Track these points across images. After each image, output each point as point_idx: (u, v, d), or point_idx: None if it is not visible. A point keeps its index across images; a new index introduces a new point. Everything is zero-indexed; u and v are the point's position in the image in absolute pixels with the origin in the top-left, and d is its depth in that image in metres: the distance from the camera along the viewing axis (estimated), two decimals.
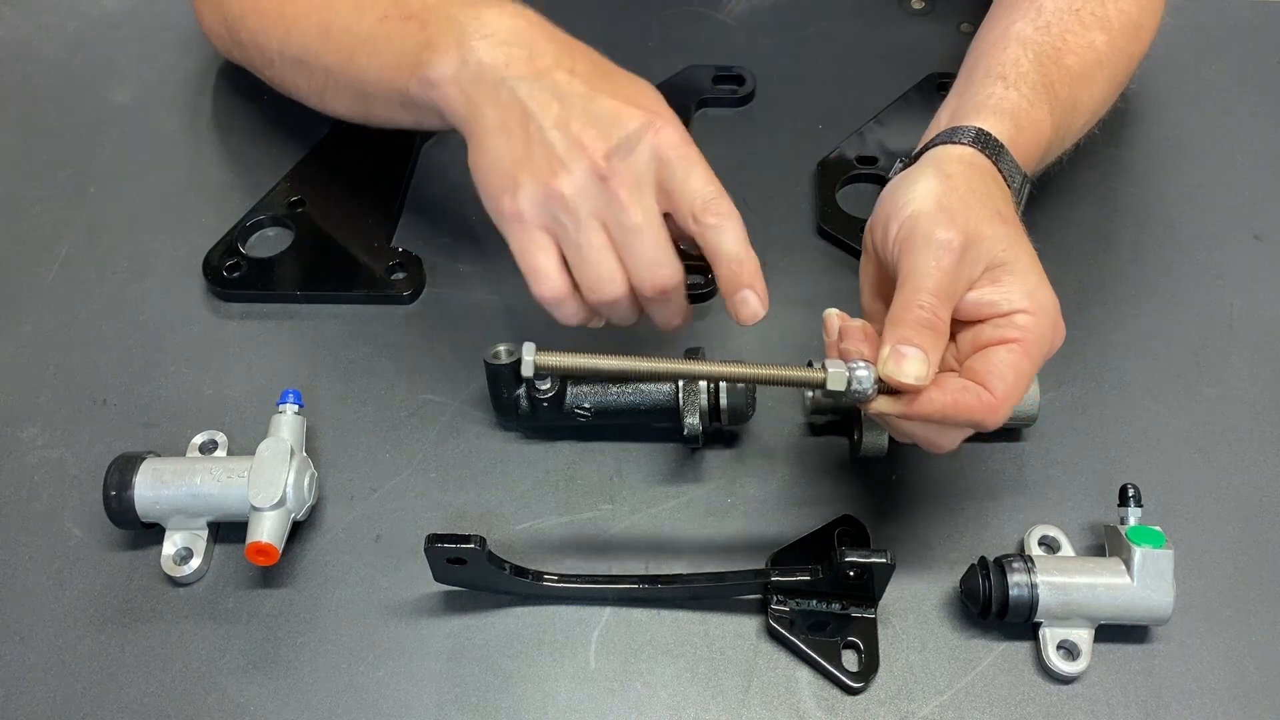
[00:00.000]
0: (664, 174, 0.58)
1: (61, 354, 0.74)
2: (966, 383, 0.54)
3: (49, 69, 0.94)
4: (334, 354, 0.74)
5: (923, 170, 0.60)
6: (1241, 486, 0.67)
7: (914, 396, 0.53)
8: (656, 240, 0.58)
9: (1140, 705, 0.59)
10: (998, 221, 0.57)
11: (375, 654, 0.61)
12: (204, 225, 0.80)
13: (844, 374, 0.53)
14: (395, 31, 0.66)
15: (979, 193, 0.58)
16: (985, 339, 0.55)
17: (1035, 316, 0.55)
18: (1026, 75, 0.67)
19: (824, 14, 0.96)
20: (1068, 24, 0.70)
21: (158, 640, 0.62)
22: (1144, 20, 0.75)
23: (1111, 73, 0.73)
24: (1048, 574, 0.59)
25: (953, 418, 0.53)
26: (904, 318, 0.53)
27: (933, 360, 0.52)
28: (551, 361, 0.54)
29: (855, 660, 0.60)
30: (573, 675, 0.60)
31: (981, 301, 0.56)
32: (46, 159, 0.86)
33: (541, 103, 0.59)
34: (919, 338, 0.52)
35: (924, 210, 0.56)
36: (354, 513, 0.67)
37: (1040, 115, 0.66)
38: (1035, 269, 0.57)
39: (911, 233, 0.56)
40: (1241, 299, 0.76)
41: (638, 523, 0.66)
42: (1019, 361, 0.54)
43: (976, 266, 0.55)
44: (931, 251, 0.54)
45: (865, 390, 0.53)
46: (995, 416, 0.53)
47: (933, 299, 0.53)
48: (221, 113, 0.89)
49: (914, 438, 0.58)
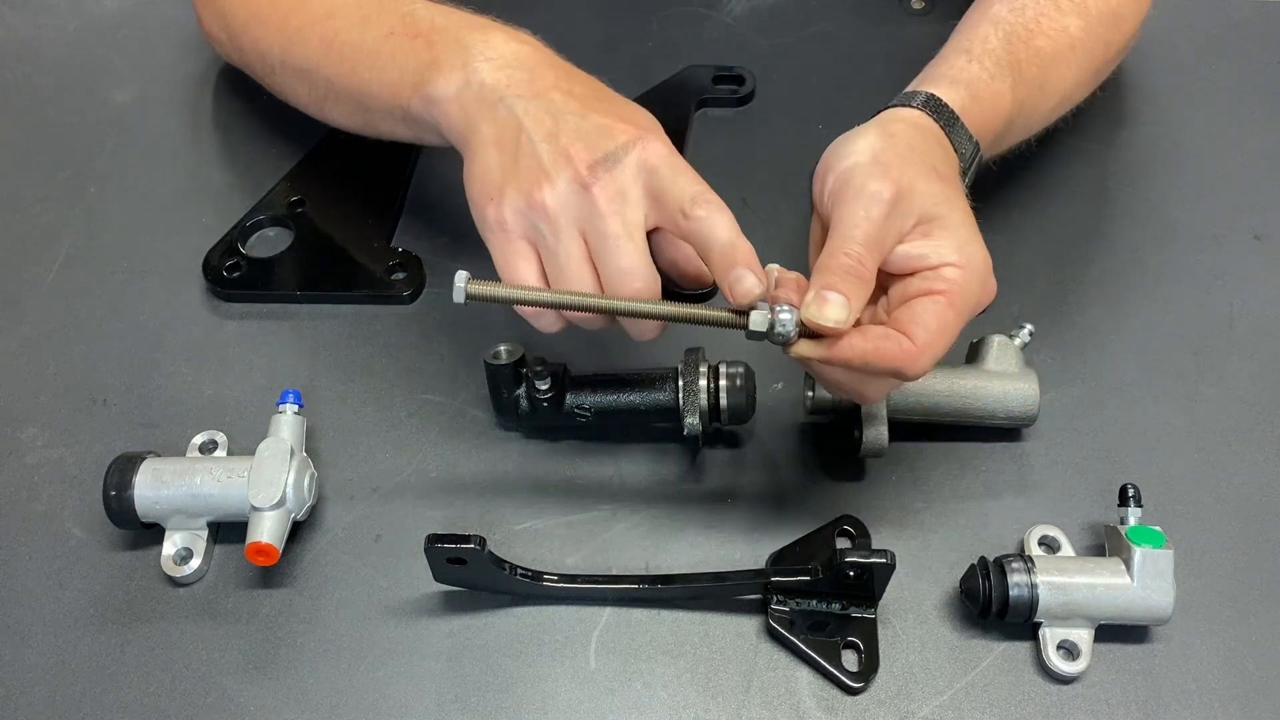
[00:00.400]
0: (652, 182, 0.58)
1: (61, 354, 0.74)
2: (889, 330, 0.54)
3: (49, 69, 0.94)
4: (334, 354, 0.74)
5: (867, 128, 0.61)
6: (1241, 486, 0.67)
7: (835, 341, 0.53)
8: (632, 251, 0.58)
9: (1140, 705, 0.59)
10: (933, 178, 0.58)
11: (375, 654, 0.61)
12: (204, 225, 0.80)
13: (766, 316, 0.54)
14: (400, 49, 0.67)
15: (919, 150, 0.59)
16: (913, 290, 0.56)
17: (963, 270, 0.56)
18: (992, 51, 0.68)
19: (824, 14, 0.96)
20: (1043, 7, 0.72)
21: (158, 640, 0.62)
22: (1124, 10, 0.76)
23: (1086, 58, 0.74)
24: (1048, 574, 0.59)
25: (874, 365, 0.54)
26: (829, 265, 0.54)
27: (855, 306, 0.53)
28: (485, 290, 0.55)
29: (855, 660, 0.60)
30: (573, 675, 0.60)
31: (911, 255, 0.56)
32: (46, 159, 0.86)
33: (536, 118, 0.59)
34: (843, 284, 0.53)
35: (860, 164, 0.57)
36: (354, 513, 0.67)
37: (1000, 89, 0.67)
38: (968, 224, 0.57)
39: (845, 184, 0.57)
40: (1241, 299, 0.76)
41: (638, 523, 0.66)
42: (943, 312, 0.55)
43: (907, 220, 0.56)
44: (862, 202, 0.55)
45: (788, 333, 0.54)
46: (916, 365, 0.54)
47: (859, 248, 0.54)
48: (221, 113, 0.89)
49: (839, 386, 0.58)
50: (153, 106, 0.90)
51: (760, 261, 0.60)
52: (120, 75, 0.92)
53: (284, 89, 0.79)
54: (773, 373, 0.72)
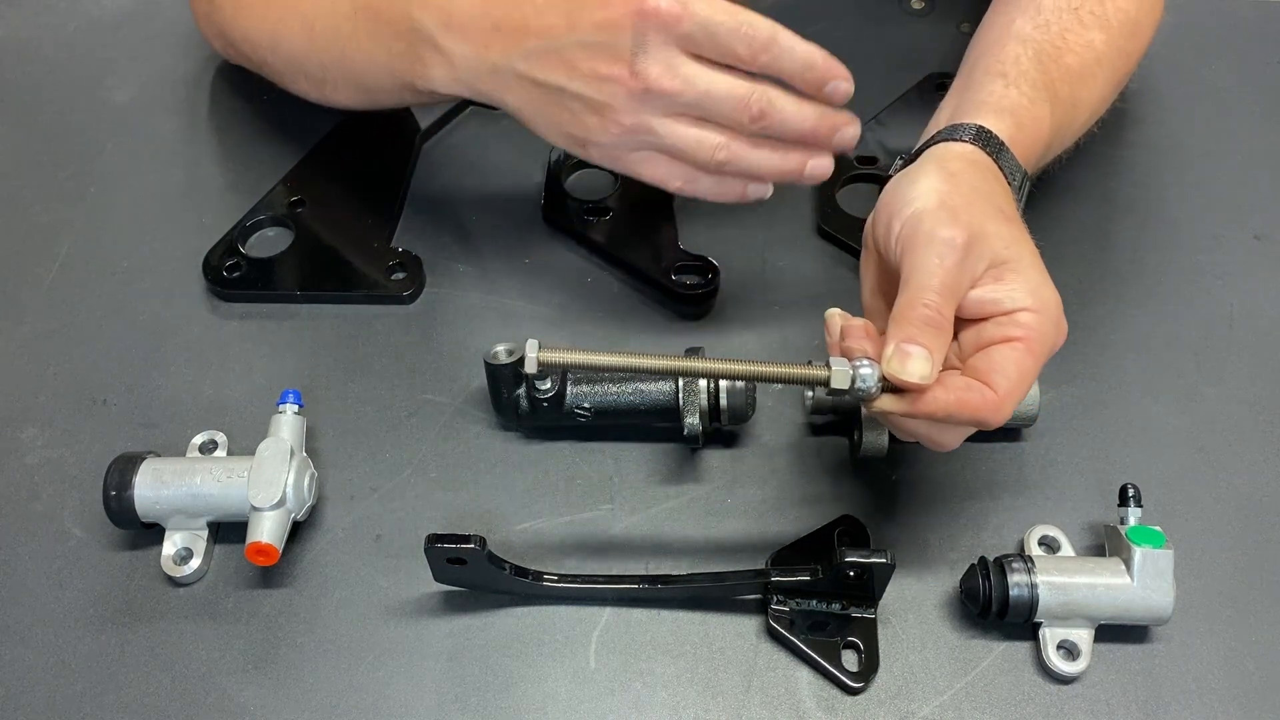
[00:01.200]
0: (688, 41, 0.59)
1: (61, 354, 0.74)
2: (970, 381, 0.54)
3: (49, 69, 0.94)
4: (334, 354, 0.74)
5: (925, 168, 0.60)
6: (1241, 486, 0.67)
7: (918, 395, 0.53)
8: (723, 90, 0.60)
9: (1140, 705, 0.59)
10: (1000, 219, 0.57)
11: (375, 654, 0.61)
12: (204, 225, 0.80)
13: (848, 372, 0.53)
14: (373, 30, 0.67)
15: (981, 191, 0.59)
16: (988, 337, 0.55)
17: (1038, 314, 0.55)
18: (1027, 73, 0.67)
19: (824, 14, 0.96)
20: (1066, 22, 0.70)
21: (158, 640, 0.62)
22: (1142, 19, 0.75)
23: (1111, 71, 0.73)
24: (1048, 574, 0.59)
25: (956, 416, 0.53)
26: (908, 316, 0.53)
27: (937, 359, 0.52)
28: (554, 358, 0.53)
29: (855, 660, 0.60)
30: (573, 675, 0.60)
31: (985, 299, 0.55)
32: (46, 159, 0.86)
33: (542, 67, 0.60)
34: (923, 336, 0.52)
35: (927, 208, 0.56)
36: (354, 513, 0.67)
37: (1040, 113, 0.66)
38: (1038, 267, 0.57)
39: (915, 231, 0.56)
40: (1241, 299, 0.76)
41: (638, 523, 0.66)
42: (1022, 359, 0.54)
43: (980, 264, 0.55)
44: (935, 250, 0.54)
45: (869, 388, 0.53)
46: (999, 414, 0.53)
47: (937, 297, 0.53)
48: (221, 113, 0.89)
49: (917, 436, 0.58)
50: (153, 106, 0.90)
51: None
52: (120, 75, 0.92)
53: (283, 79, 0.79)
54: None
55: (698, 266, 0.76)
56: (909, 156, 0.65)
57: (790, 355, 0.73)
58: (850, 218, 0.80)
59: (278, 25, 0.75)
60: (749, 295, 0.77)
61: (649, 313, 0.76)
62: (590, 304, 0.76)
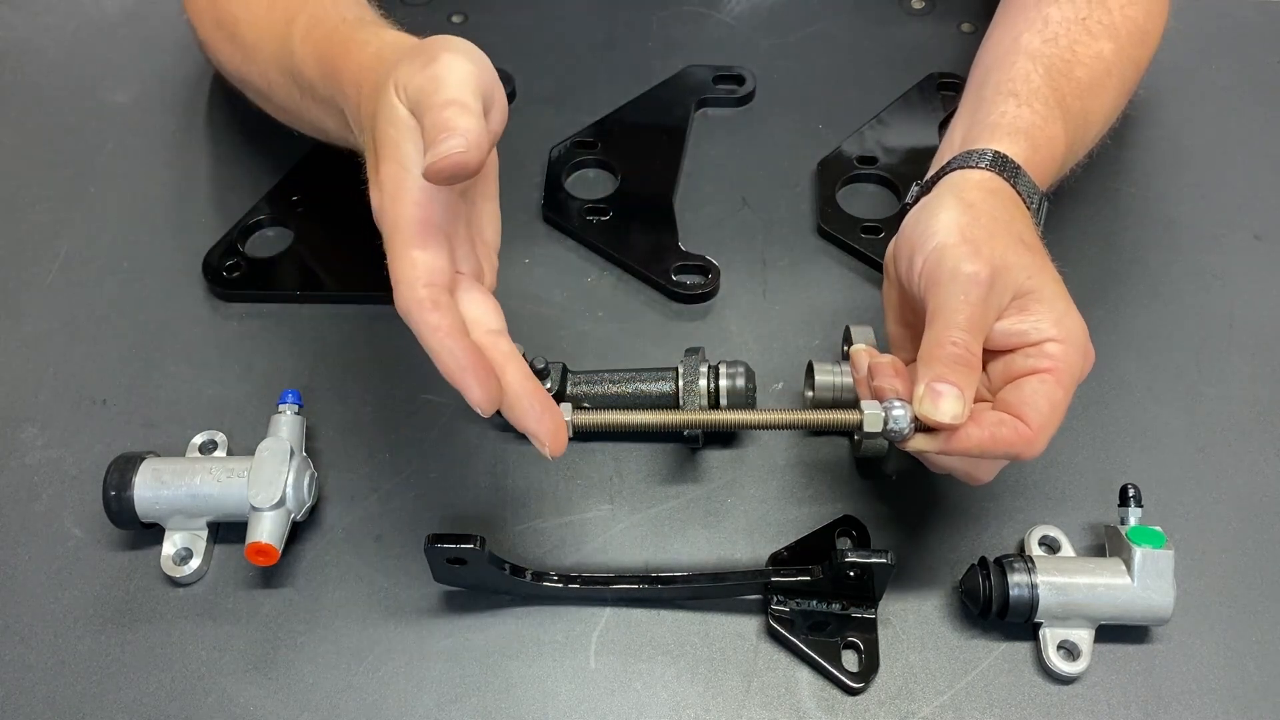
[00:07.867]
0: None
1: (61, 354, 0.74)
2: (1003, 416, 0.53)
3: (49, 69, 0.94)
4: (334, 354, 0.74)
5: (943, 199, 0.59)
6: (1241, 486, 0.67)
7: (951, 433, 0.52)
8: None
9: (1140, 705, 0.59)
10: (1022, 249, 0.57)
11: (375, 654, 0.61)
12: (204, 225, 0.80)
13: (880, 415, 0.53)
14: (318, 107, 0.67)
15: (1002, 221, 0.58)
16: (1017, 369, 0.55)
17: (1065, 344, 0.55)
18: (1038, 91, 0.66)
19: (824, 14, 0.96)
20: (1075, 34, 0.69)
21: (158, 640, 0.62)
22: (1150, 26, 0.75)
23: (1120, 80, 0.72)
24: (1048, 574, 0.59)
25: (991, 452, 0.53)
26: (937, 355, 0.53)
27: (968, 396, 0.52)
28: (588, 420, 0.56)
29: (855, 660, 0.60)
30: (573, 675, 0.60)
31: (1011, 331, 0.55)
32: (46, 159, 0.86)
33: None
34: (953, 375, 0.52)
35: (949, 243, 0.56)
36: (354, 513, 0.67)
37: (1055, 132, 0.65)
38: (1062, 295, 0.56)
39: (938, 266, 0.55)
40: (1241, 299, 0.76)
41: (638, 523, 0.66)
42: (1052, 391, 0.54)
43: (1004, 296, 0.55)
44: (959, 285, 0.54)
45: (902, 430, 0.53)
46: (1033, 448, 0.53)
47: (964, 334, 0.53)
48: (221, 113, 0.89)
49: (952, 471, 0.58)
50: (153, 106, 0.90)
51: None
52: (120, 75, 0.92)
53: (266, 109, 0.79)
54: (773, 373, 0.72)
55: (698, 266, 0.76)
56: (924, 184, 0.65)
57: (790, 354, 0.73)
58: (850, 218, 0.80)
59: (248, 58, 0.75)
60: (749, 295, 0.77)
61: (649, 313, 0.76)
62: (590, 304, 0.76)
